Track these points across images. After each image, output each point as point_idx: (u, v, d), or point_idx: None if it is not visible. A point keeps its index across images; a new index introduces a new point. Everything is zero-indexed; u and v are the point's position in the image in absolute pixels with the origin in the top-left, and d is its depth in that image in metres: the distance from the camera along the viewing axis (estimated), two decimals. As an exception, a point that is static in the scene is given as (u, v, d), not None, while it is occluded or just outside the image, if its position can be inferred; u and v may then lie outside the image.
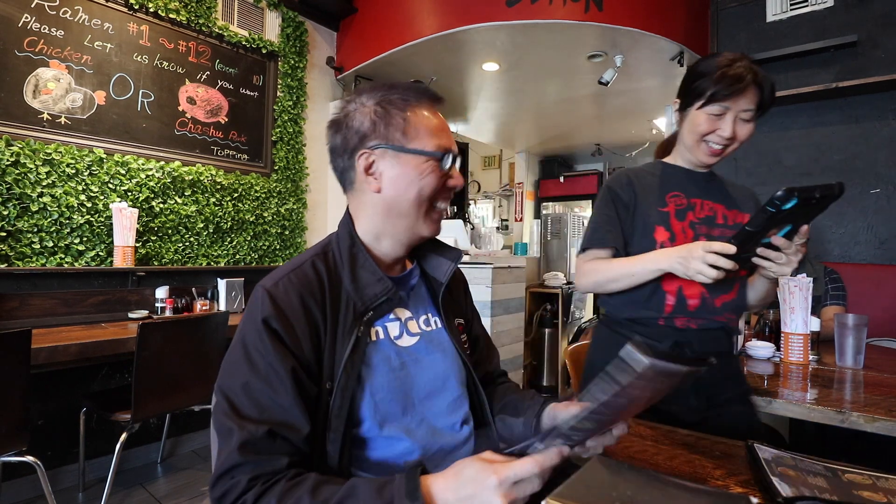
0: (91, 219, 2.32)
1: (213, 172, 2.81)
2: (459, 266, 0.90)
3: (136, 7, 2.50)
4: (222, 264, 2.85)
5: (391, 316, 0.79)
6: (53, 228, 2.22)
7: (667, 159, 1.20)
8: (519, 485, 0.55)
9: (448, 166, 0.78)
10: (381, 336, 0.77)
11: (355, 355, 0.71)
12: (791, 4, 2.70)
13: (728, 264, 0.89)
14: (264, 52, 3.09)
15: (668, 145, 1.24)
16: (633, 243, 1.12)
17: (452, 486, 0.57)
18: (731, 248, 0.88)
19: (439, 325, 0.85)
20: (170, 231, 2.62)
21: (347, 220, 0.81)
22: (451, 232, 3.06)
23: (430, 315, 0.85)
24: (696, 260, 0.92)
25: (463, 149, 5.58)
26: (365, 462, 0.73)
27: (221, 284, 2.71)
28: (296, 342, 0.68)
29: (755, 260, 0.95)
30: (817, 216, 0.88)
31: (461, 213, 4.93)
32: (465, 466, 0.57)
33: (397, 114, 0.75)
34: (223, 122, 2.90)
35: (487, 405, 0.87)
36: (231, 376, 0.67)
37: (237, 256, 2.93)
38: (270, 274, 0.74)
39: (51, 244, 2.20)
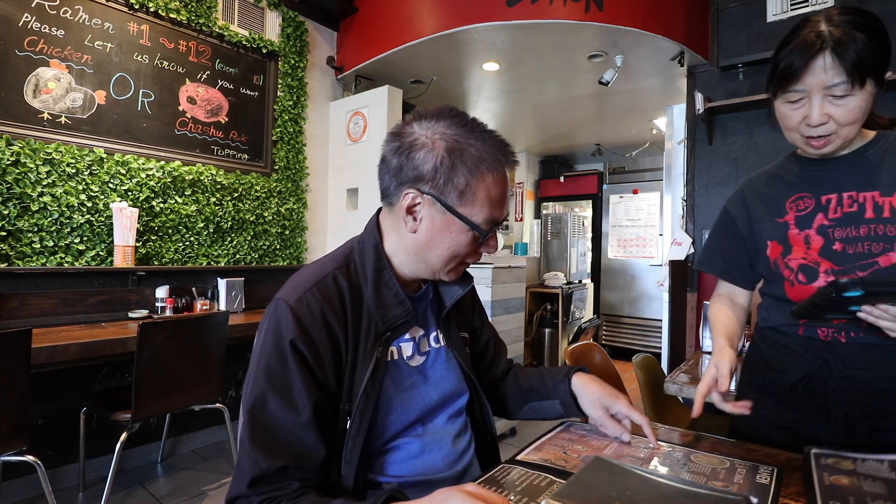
0: (91, 218, 2.32)
1: (214, 172, 2.81)
2: None
3: (137, 7, 2.50)
4: (222, 264, 2.85)
5: (406, 336, 0.80)
6: (53, 228, 2.22)
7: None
8: None
9: (489, 236, 0.76)
10: (396, 356, 0.77)
11: (376, 377, 0.71)
12: (791, 4, 2.70)
13: (718, 400, 0.81)
14: (264, 51, 3.09)
15: None
16: (757, 267, 0.98)
17: None
18: (724, 386, 0.81)
19: (446, 343, 0.86)
20: (170, 231, 2.62)
21: (374, 232, 0.79)
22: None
23: (439, 332, 0.85)
24: (710, 367, 0.85)
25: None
26: (375, 463, 0.75)
27: (221, 284, 2.71)
28: (319, 364, 0.68)
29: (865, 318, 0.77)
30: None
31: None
32: (448, 497, 0.55)
33: (463, 173, 0.70)
34: (223, 121, 2.90)
35: (490, 415, 0.89)
36: (254, 396, 0.67)
37: (237, 256, 2.93)
38: (291, 286, 0.72)
39: (51, 244, 2.20)
